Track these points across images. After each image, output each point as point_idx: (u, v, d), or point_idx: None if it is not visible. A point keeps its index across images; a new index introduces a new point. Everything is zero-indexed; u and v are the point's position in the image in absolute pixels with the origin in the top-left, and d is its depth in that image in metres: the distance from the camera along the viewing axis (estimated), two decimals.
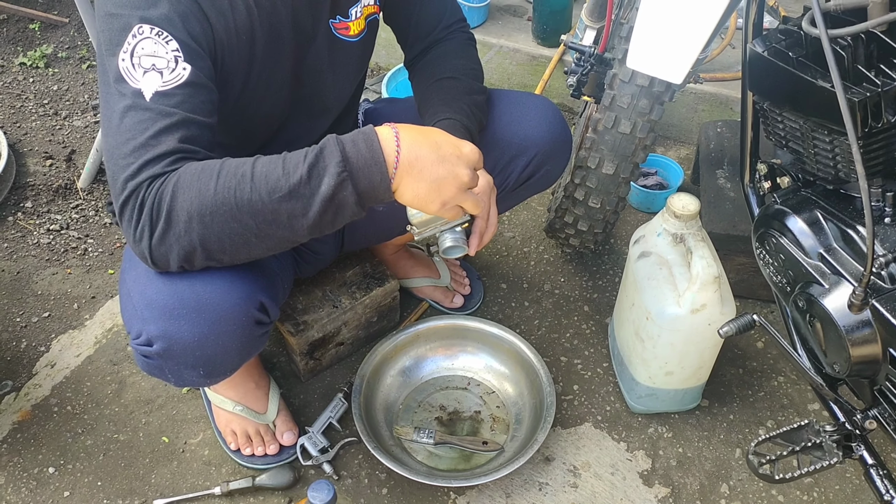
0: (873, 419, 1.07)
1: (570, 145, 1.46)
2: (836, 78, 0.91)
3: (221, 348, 1.12)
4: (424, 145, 0.98)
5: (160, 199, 0.95)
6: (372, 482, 1.53)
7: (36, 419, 1.63)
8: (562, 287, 1.91)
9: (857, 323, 1.01)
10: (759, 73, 1.10)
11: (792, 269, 1.12)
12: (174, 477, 1.54)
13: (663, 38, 1.23)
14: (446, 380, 1.70)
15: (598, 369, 1.73)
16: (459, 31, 1.44)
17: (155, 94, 0.98)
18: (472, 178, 1.02)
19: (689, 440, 1.60)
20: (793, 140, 1.10)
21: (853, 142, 0.91)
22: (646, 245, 1.49)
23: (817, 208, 1.10)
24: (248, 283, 1.12)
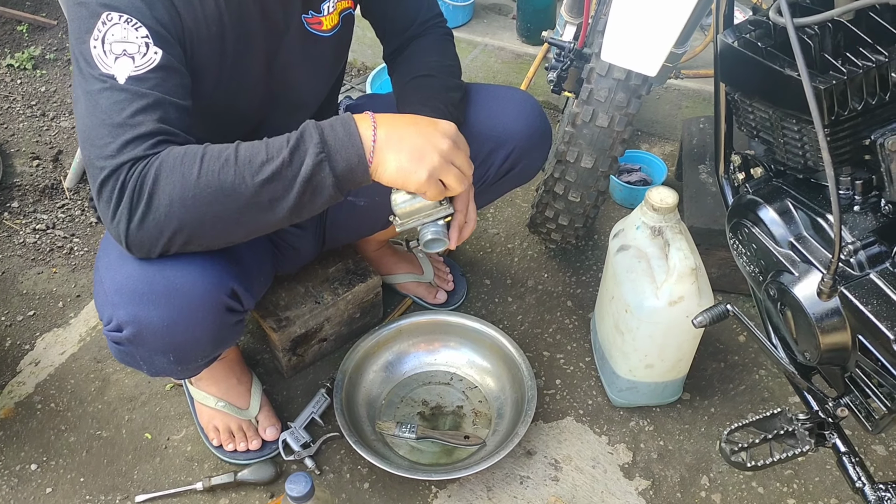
0: (845, 407, 1.07)
1: (549, 138, 1.47)
2: (802, 66, 0.91)
3: (191, 334, 1.12)
4: (401, 122, 1.05)
5: (142, 183, 0.96)
6: (354, 477, 1.53)
7: (19, 417, 1.63)
8: (545, 283, 1.91)
9: (827, 311, 1.02)
10: (729, 64, 1.11)
11: (764, 258, 1.12)
12: (156, 473, 1.54)
13: (637, 30, 1.24)
14: (429, 375, 1.70)
15: (580, 364, 1.74)
16: (437, 27, 1.45)
17: (129, 78, 0.99)
18: (451, 148, 1.06)
19: (670, 433, 1.61)
20: (763, 130, 1.11)
21: (819, 129, 0.92)
22: (625, 238, 1.50)
23: (788, 197, 1.10)
24: (220, 269, 1.13)
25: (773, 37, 1.05)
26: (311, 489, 1.21)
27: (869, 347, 0.98)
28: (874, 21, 0.99)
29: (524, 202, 2.13)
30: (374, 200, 1.50)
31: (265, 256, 1.42)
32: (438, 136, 1.05)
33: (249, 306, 1.22)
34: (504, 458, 1.54)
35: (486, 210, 2.10)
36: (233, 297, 1.16)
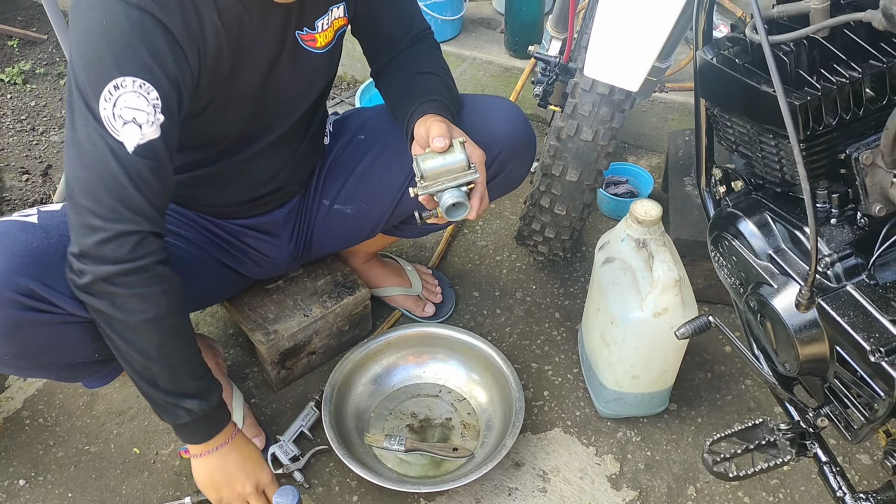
0: (825, 417, 1.09)
1: (533, 143, 1.48)
2: (777, 82, 0.93)
3: None
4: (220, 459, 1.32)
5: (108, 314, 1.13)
6: (343, 490, 1.54)
7: (7, 432, 1.63)
8: (533, 294, 1.93)
9: (805, 322, 1.03)
10: (708, 80, 1.13)
11: (744, 270, 1.14)
12: (145, 488, 1.54)
13: (618, 47, 1.26)
14: (417, 387, 1.71)
15: (568, 375, 1.75)
16: (426, 38, 1.46)
17: (136, 147, 1.05)
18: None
19: (658, 444, 1.62)
20: (742, 144, 1.12)
21: (794, 144, 0.93)
22: (610, 251, 1.51)
23: (767, 211, 1.12)
24: (11, 264, 1.13)
25: (750, 53, 1.08)
26: (299, 502, 1.22)
27: (846, 358, 0.99)
28: (848, 38, 1.01)
29: (512, 214, 2.15)
30: (361, 207, 1.51)
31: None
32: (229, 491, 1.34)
33: (72, 310, 1.18)
34: (492, 470, 1.54)
35: (474, 222, 2.11)
36: (28, 296, 1.14)
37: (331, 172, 1.54)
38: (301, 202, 1.55)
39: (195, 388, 1.22)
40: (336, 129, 1.58)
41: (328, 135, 1.57)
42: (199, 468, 1.32)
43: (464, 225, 2.10)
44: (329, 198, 1.53)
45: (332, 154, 1.55)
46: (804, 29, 0.98)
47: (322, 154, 1.55)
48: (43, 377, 1.46)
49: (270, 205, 1.50)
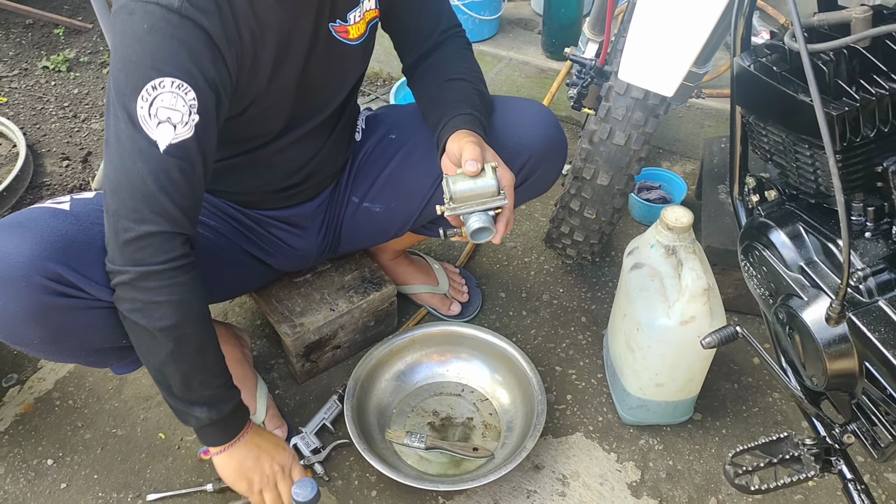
0: (851, 434, 1.07)
1: (564, 149, 1.48)
2: (815, 92, 0.92)
3: (9, 314, 1.13)
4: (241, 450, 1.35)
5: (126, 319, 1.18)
6: (362, 484, 1.55)
7: (38, 412, 1.67)
8: (560, 297, 1.92)
9: (834, 336, 1.02)
10: (744, 87, 1.12)
11: (774, 281, 1.12)
12: (168, 472, 1.57)
13: (654, 51, 1.24)
14: (440, 385, 1.71)
15: (592, 380, 1.74)
16: (457, 36, 1.46)
17: (168, 146, 1.06)
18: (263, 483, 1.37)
19: (680, 453, 1.60)
20: (777, 154, 1.11)
21: (830, 156, 0.92)
22: (639, 256, 1.50)
23: (800, 222, 1.10)
24: (40, 249, 1.14)
25: (788, 61, 1.06)
26: (317, 495, 1.23)
27: (876, 375, 0.97)
28: (889, 49, 0.99)
29: (542, 216, 2.14)
30: (390, 207, 1.52)
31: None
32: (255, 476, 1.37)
33: (101, 296, 1.19)
34: (512, 472, 1.54)
35: None
36: (56, 281, 1.15)
37: (361, 170, 1.55)
38: (331, 197, 1.56)
39: (207, 397, 1.25)
40: (368, 125, 1.59)
41: (360, 131, 1.58)
42: (224, 462, 1.35)
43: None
44: (358, 195, 1.54)
45: (363, 151, 1.56)
46: (845, 38, 0.97)
47: (353, 149, 1.56)
48: (71, 361, 1.48)
49: (301, 196, 1.51)
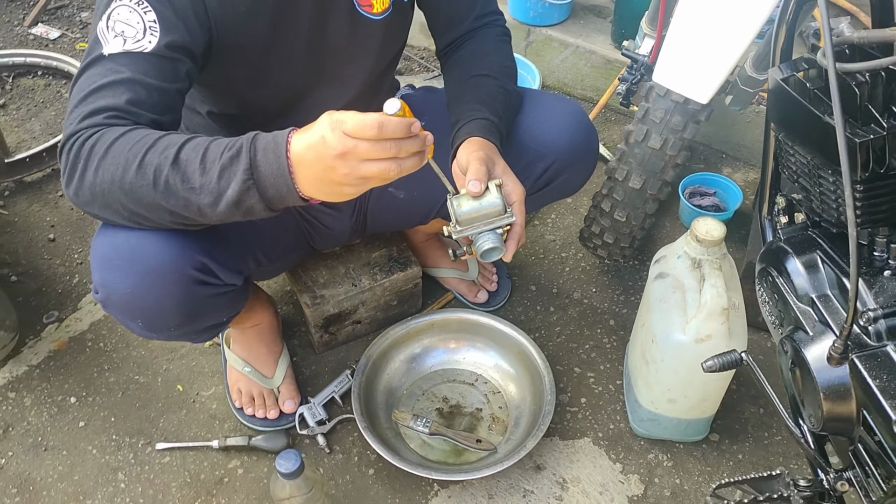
0: (846, 482, 1.00)
1: (593, 155, 1.42)
2: (838, 113, 0.85)
3: (155, 302, 1.15)
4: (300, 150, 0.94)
5: (83, 155, 1.00)
6: (361, 461, 1.56)
7: (70, 350, 1.75)
8: (591, 297, 1.87)
9: (834, 377, 0.95)
10: (776, 102, 1.04)
11: (784, 310, 1.06)
12: (181, 424, 1.62)
13: (692, 55, 1.18)
14: (455, 372, 1.70)
15: (610, 385, 1.69)
16: (493, 24, 1.42)
17: (112, 55, 1.04)
18: (347, 162, 0.91)
19: (689, 472, 1.54)
20: (802, 176, 1.04)
21: (846, 184, 0.85)
22: (665, 266, 1.44)
23: (818, 251, 1.03)
24: (187, 241, 1.14)
25: (823, 79, 0.98)
26: (301, 467, 1.24)
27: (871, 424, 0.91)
28: None
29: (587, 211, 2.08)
30: (413, 195, 1.50)
31: (275, 233, 1.43)
32: (329, 160, 0.91)
33: (230, 280, 1.23)
34: (512, 469, 1.52)
35: (546, 215, 2.06)
36: (202, 270, 1.17)
37: None
38: None
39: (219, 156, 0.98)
40: None
41: None
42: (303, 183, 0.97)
43: (535, 217, 2.06)
44: None
45: None
46: (882, 59, 0.89)
47: None
48: (169, 340, 1.52)
49: None
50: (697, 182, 2.03)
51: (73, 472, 1.54)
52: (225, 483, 1.53)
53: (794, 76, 1.01)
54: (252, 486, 1.52)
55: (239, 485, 1.52)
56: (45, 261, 1.95)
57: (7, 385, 1.67)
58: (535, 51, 2.37)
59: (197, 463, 1.55)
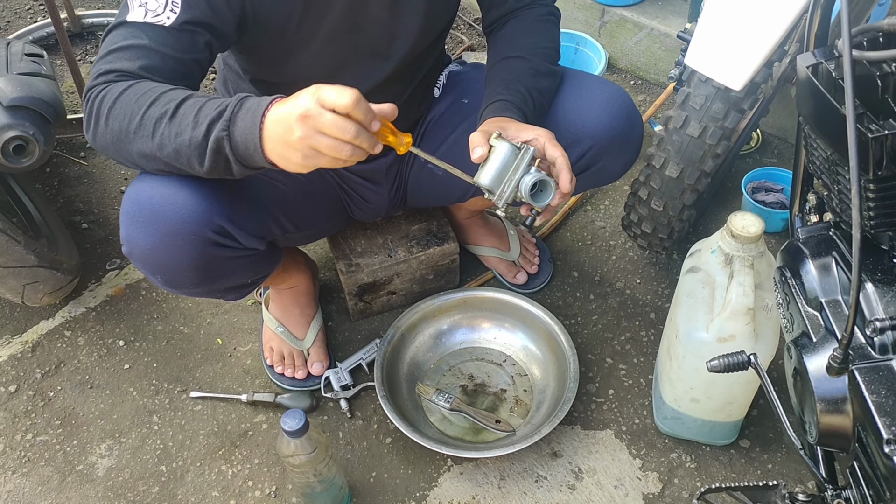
0: (844, 501, 0.94)
1: (634, 142, 1.36)
2: (850, 104, 0.79)
3: (173, 260, 1.19)
4: (274, 114, 0.98)
5: (98, 105, 1.06)
6: (380, 429, 1.58)
7: (125, 297, 1.85)
8: (634, 288, 1.81)
9: (832, 389, 0.89)
10: (801, 91, 0.98)
11: (794, 313, 0.99)
12: (215, 376, 1.69)
13: (726, 38, 1.12)
14: (484, 351, 1.70)
15: (641, 380, 1.64)
16: (540, 4, 1.39)
17: (134, 23, 1.09)
18: (305, 130, 0.94)
19: (712, 477, 1.48)
20: (824, 173, 0.97)
21: (854, 180, 0.79)
22: (698, 260, 1.38)
23: (834, 253, 0.96)
24: (207, 204, 1.17)
25: None
26: (304, 427, 1.27)
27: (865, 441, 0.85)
28: None
29: None
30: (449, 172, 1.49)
31: (304, 200, 1.45)
32: (292, 119, 0.94)
33: (250, 245, 1.27)
34: (527, 453, 1.51)
35: (599, 200, 2.01)
36: (220, 234, 1.21)
37: (431, 130, 1.53)
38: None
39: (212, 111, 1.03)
40: (449, 83, 1.55)
41: (440, 86, 1.55)
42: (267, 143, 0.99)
43: (587, 201, 2.01)
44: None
45: (437, 110, 1.53)
46: None
47: (429, 104, 1.54)
48: (192, 296, 1.61)
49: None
50: (763, 176, 1.93)
51: (113, 411, 1.63)
52: (249, 436, 1.58)
53: (822, 64, 0.94)
54: (273, 441, 1.56)
55: (261, 439, 1.58)
56: (114, 211, 2.06)
57: (65, 324, 1.79)
58: (608, 32, 2.30)
59: (225, 414, 1.62)
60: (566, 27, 2.31)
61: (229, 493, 1.50)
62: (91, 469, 1.54)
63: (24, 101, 1.53)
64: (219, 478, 1.52)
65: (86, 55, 2.55)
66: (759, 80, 1.27)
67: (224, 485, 1.51)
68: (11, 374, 1.70)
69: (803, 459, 1.01)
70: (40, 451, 1.57)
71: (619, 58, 2.34)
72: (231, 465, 1.54)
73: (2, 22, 2.70)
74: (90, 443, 1.58)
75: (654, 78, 2.30)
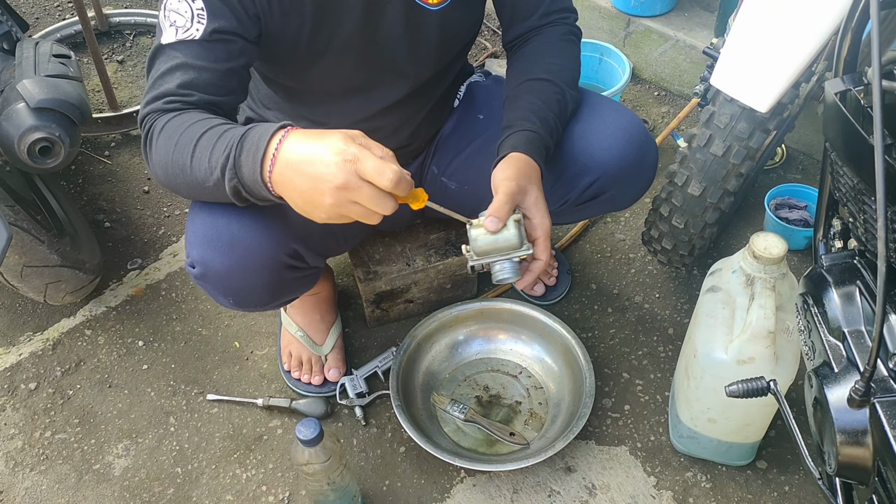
0: None
1: (646, 172, 1.36)
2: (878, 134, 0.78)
3: (248, 283, 1.23)
4: (292, 162, 0.97)
5: (149, 138, 1.13)
6: (394, 437, 1.58)
7: (145, 297, 1.86)
8: (653, 303, 1.80)
9: (853, 421, 0.88)
10: (829, 117, 0.97)
11: (815, 342, 0.98)
12: (232, 379, 1.70)
13: (754, 59, 1.11)
14: (500, 363, 1.69)
15: (657, 396, 1.63)
16: (562, 22, 1.37)
17: (169, 44, 1.12)
18: (343, 194, 0.93)
19: (728, 498, 1.47)
20: (850, 200, 0.96)
21: (880, 213, 0.78)
22: (718, 279, 1.36)
23: (859, 282, 0.95)
24: (282, 229, 1.22)
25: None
26: (319, 435, 1.27)
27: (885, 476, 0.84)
28: None
29: None
30: (464, 188, 1.49)
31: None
32: (326, 184, 0.93)
33: (315, 264, 1.33)
34: (541, 468, 1.51)
35: (620, 213, 2.00)
36: (293, 257, 1.26)
37: (446, 142, 1.53)
38: (422, 163, 1.56)
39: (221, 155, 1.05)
40: (467, 95, 1.55)
41: (459, 97, 1.55)
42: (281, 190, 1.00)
43: (607, 214, 2.00)
44: (438, 167, 1.53)
45: (454, 122, 1.53)
46: None
47: (447, 116, 1.54)
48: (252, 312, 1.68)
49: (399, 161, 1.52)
50: (787, 193, 1.91)
51: (131, 411, 1.65)
52: (264, 440, 1.59)
53: (850, 91, 0.93)
54: (288, 446, 1.57)
55: (276, 444, 1.58)
56: (137, 211, 2.08)
57: (85, 322, 1.81)
58: (633, 42, 2.29)
59: (241, 418, 1.63)
60: (591, 37, 2.30)
61: (243, 497, 1.51)
62: (108, 468, 1.56)
63: (51, 104, 1.55)
64: (233, 481, 1.53)
65: (112, 54, 2.57)
66: (785, 101, 1.25)
67: (238, 489, 1.52)
68: (32, 372, 1.72)
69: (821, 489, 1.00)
70: (58, 449, 1.59)
71: (644, 68, 2.32)
72: (245, 469, 1.55)
73: (31, 18, 2.73)
74: (107, 442, 1.60)
75: (678, 90, 2.29)
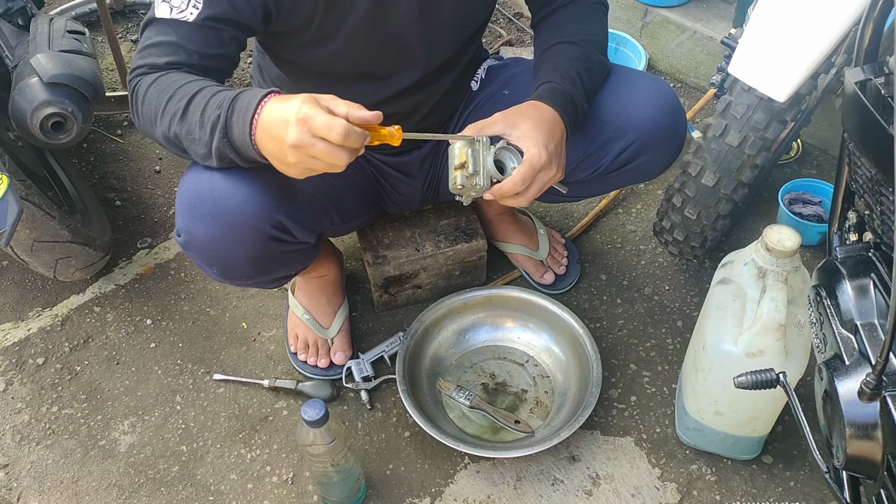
0: None
1: (678, 137, 1.34)
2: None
3: (231, 253, 1.22)
4: (265, 123, 1.01)
5: (135, 96, 1.14)
6: (399, 422, 1.58)
7: (154, 276, 1.87)
8: (663, 295, 1.79)
9: (863, 414, 0.87)
10: (848, 106, 0.95)
11: (827, 334, 0.97)
12: (239, 360, 1.70)
13: (772, 48, 1.09)
14: (507, 350, 1.69)
15: (664, 388, 1.62)
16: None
17: (161, 19, 1.13)
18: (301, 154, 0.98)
19: (733, 492, 1.46)
20: (866, 192, 0.94)
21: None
22: (730, 272, 1.35)
23: (873, 275, 0.94)
24: (268, 200, 1.19)
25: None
26: (325, 417, 1.27)
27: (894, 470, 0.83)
28: None
29: None
30: None
31: (351, 194, 1.46)
32: (284, 144, 0.98)
33: (304, 239, 1.30)
34: (545, 457, 1.51)
35: (631, 204, 1.99)
36: (278, 228, 1.23)
37: (468, 122, 1.52)
38: (437, 145, 1.56)
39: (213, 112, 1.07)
40: (488, 76, 1.54)
41: (479, 80, 1.54)
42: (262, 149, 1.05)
43: (618, 204, 1.99)
44: None
45: (475, 103, 1.53)
46: None
47: (465, 98, 1.53)
48: (241, 287, 1.68)
49: (411, 143, 1.52)
50: (801, 188, 1.89)
51: (138, 388, 1.65)
52: (269, 421, 1.59)
53: (871, 81, 0.91)
54: (293, 428, 1.57)
55: (281, 425, 1.59)
56: (148, 190, 2.08)
57: (94, 300, 1.81)
58: (649, 32, 2.27)
59: (247, 398, 1.63)
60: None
61: (247, 476, 1.51)
62: (113, 445, 1.57)
63: (65, 79, 1.54)
64: (238, 461, 1.53)
65: (127, 33, 2.57)
66: (803, 92, 1.24)
67: (242, 468, 1.52)
68: (40, 347, 1.72)
69: (827, 482, 0.99)
70: (64, 424, 1.60)
71: (660, 59, 2.31)
72: (250, 448, 1.55)
73: None
74: (114, 418, 1.60)
75: (695, 81, 2.27)
